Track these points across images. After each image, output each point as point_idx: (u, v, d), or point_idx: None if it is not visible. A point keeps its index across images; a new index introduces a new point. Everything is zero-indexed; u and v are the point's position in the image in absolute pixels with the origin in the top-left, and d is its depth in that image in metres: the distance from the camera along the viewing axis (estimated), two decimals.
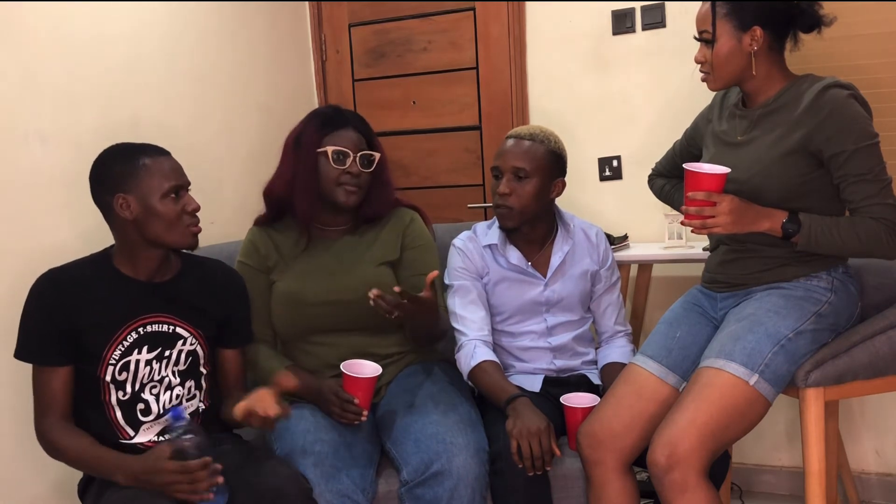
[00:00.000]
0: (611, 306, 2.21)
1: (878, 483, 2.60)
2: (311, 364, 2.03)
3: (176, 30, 2.49)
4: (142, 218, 1.73)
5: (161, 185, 1.72)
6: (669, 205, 2.24)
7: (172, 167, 1.76)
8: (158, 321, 1.79)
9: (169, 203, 1.73)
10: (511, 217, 2.06)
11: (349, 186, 1.99)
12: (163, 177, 1.73)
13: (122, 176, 1.72)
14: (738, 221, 1.72)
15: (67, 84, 2.11)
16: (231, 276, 1.95)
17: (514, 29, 2.89)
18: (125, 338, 1.75)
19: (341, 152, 1.99)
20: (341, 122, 2.04)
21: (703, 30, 1.83)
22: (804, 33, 1.83)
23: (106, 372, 1.74)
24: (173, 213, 1.73)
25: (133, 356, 1.76)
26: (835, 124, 1.70)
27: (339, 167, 1.98)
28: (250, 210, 2.22)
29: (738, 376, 1.67)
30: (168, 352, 1.80)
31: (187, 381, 1.84)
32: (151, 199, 1.72)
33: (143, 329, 1.77)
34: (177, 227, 1.75)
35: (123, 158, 1.74)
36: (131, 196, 1.72)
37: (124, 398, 1.77)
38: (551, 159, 2.06)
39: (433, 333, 2.03)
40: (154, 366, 1.79)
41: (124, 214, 1.73)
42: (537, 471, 1.77)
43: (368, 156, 2.03)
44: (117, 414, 1.77)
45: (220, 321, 1.89)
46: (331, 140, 2.00)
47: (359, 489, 1.74)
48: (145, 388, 1.78)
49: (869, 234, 1.71)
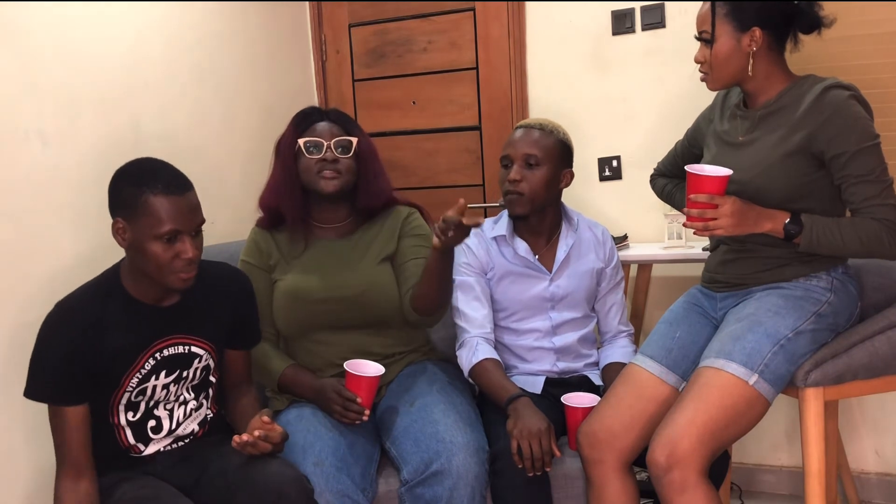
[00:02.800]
0: (615, 306, 2.21)
1: (878, 483, 2.60)
2: (312, 362, 2.04)
3: (176, 30, 2.49)
4: (132, 250, 1.64)
5: (157, 227, 1.59)
6: (671, 205, 2.24)
7: (177, 209, 1.60)
8: (174, 343, 1.74)
9: (161, 246, 1.60)
10: (521, 203, 2.06)
11: (327, 172, 2.00)
12: (161, 220, 1.58)
13: (125, 202, 1.62)
14: (739, 223, 1.72)
15: (68, 85, 2.11)
16: (238, 276, 1.92)
17: (514, 29, 2.89)
18: (143, 364, 1.71)
19: (313, 142, 2.01)
20: (315, 117, 2.07)
21: (703, 29, 1.84)
22: (804, 34, 1.83)
23: (122, 399, 1.70)
24: (163, 259, 1.61)
25: (150, 382, 1.72)
26: (836, 125, 1.70)
27: (314, 156, 2.00)
28: (250, 210, 2.22)
29: (738, 376, 1.68)
30: (185, 372, 1.77)
31: (200, 394, 1.83)
32: (144, 238, 1.60)
33: (159, 354, 1.72)
34: (165, 271, 1.63)
35: (133, 183, 1.62)
36: (128, 225, 1.62)
37: (134, 418, 1.74)
38: (560, 149, 2.08)
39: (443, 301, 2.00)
40: (171, 388, 1.76)
41: (118, 240, 1.65)
42: (537, 471, 1.77)
43: (344, 141, 2.03)
44: (127, 434, 1.74)
45: (231, 324, 1.86)
46: (304, 135, 2.03)
47: (359, 489, 1.75)
48: (159, 405, 1.76)
49: (870, 234, 1.71)
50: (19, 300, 1.88)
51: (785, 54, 1.85)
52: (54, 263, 1.77)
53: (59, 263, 1.78)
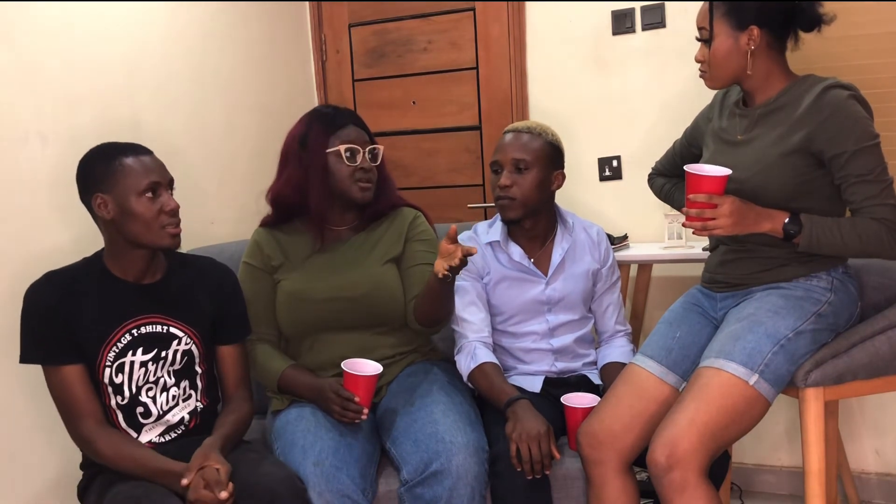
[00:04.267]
0: (611, 306, 2.21)
1: (878, 483, 2.60)
2: (313, 362, 2.04)
3: (176, 30, 2.49)
4: (119, 219, 1.72)
5: (137, 183, 1.70)
6: (669, 204, 2.24)
7: (150, 165, 1.73)
8: (152, 322, 1.79)
9: (145, 202, 1.70)
10: (513, 208, 2.06)
11: (363, 183, 2.01)
12: (139, 175, 1.70)
13: (101, 175, 1.71)
14: (739, 223, 1.72)
15: (68, 84, 2.11)
16: (222, 271, 1.94)
17: (514, 29, 2.89)
18: (119, 339, 1.75)
19: (353, 149, 2.01)
20: (343, 120, 2.06)
21: (702, 27, 1.84)
22: (805, 32, 1.83)
23: (104, 374, 1.74)
24: (150, 213, 1.71)
25: (128, 357, 1.76)
26: (836, 125, 1.70)
27: (353, 164, 2.00)
28: (250, 210, 2.22)
29: (738, 376, 1.68)
30: (164, 352, 1.80)
31: (182, 381, 1.84)
32: (128, 199, 1.70)
33: (136, 331, 1.77)
34: (153, 227, 1.72)
35: (103, 158, 1.73)
36: (109, 196, 1.71)
37: (123, 402, 1.77)
38: (550, 151, 2.08)
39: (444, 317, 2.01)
40: (150, 367, 1.79)
41: (103, 214, 1.72)
42: (536, 474, 1.77)
43: (375, 149, 2.06)
44: (119, 418, 1.77)
45: (215, 317, 1.88)
46: (338, 139, 2.02)
47: (359, 489, 1.74)
48: (142, 390, 1.78)
49: (870, 234, 1.71)
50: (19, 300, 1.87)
51: (785, 54, 1.85)
52: (53, 263, 1.78)
53: (59, 263, 1.79)
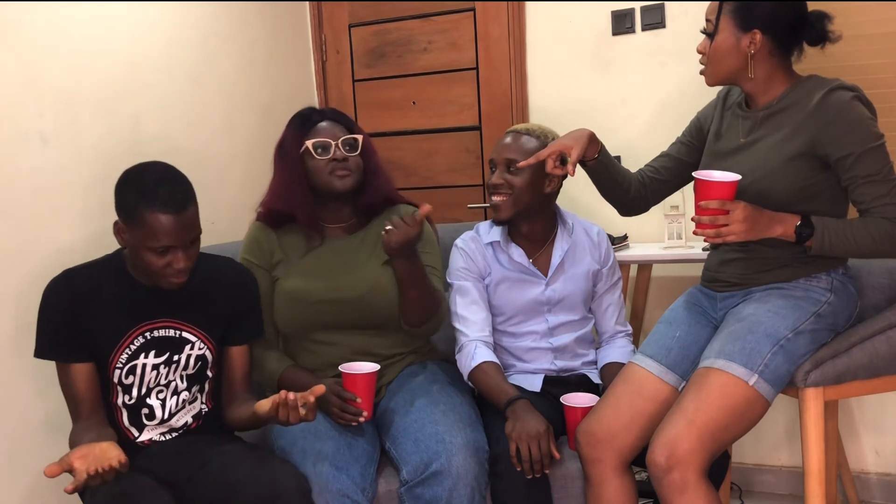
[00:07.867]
0: (612, 306, 2.21)
1: (878, 483, 2.60)
2: (312, 363, 2.04)
3: (176, 30, 2.49)
4: (130, 251, 1.74)
5: (151, 241, 1.67)
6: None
7: (169, 228, 1.66)
8: (165, 326, 1.79)
9: (154, 256, 1.69)
10: (503, 208, 2.06)
11: (340, 171, 2.01)
12: (156, 235, 1.66)
13: (125, 206, 1.69)
14: (752, 228, 1.71)
15: (69, 85, 2.11)
16: (241, 272, 1.95)
17: (514, 29, 2.89)
18: (132, 342, 1.76)
19: (321, 143, 2.01)
20: (316, 118, 2.07)
21: (709, 20, 1.83)
22: (810, 46, 1.82)
23: (113, 374, 1.75)
24: (155, 266, 1.70)
25: (140, 360, 1.77)
26: (840, 127, 1.70)
27: (325, 157, 2.01)
28: (250, 210, 2.22)
29: (738, 376, 1.67)
30: (176, 356, 1.80)
31: (193, 385, 1.84)
32: (139, 246, 1.69)
33: (149, 334, 1.78)
34: (156, 275, 1.72)
35: (135, 193, 1.68)
36: (127, 228, 1.70)
37: (130, 402, 1.78)
38: None
39: (427, 311, 2.00)
40: (161, 370, 1.79)
41: (117, 238, 1.74)
42: (536, 474, 1.77)
43: (350, 139, 2.05)
44: (123, 416, 1.78)
45: (229, 318, 1.88)
46: (309, 136, 2.03)
47: (359, 489, 1.74)
48: (151, 392, 1.79)
49: (882, 234, 1.70)
50: (23, 301, 1.88)
51: (790, 59, 1.83)
52: (56, 264, 1.78)
53: (59, 264, 1.79)
